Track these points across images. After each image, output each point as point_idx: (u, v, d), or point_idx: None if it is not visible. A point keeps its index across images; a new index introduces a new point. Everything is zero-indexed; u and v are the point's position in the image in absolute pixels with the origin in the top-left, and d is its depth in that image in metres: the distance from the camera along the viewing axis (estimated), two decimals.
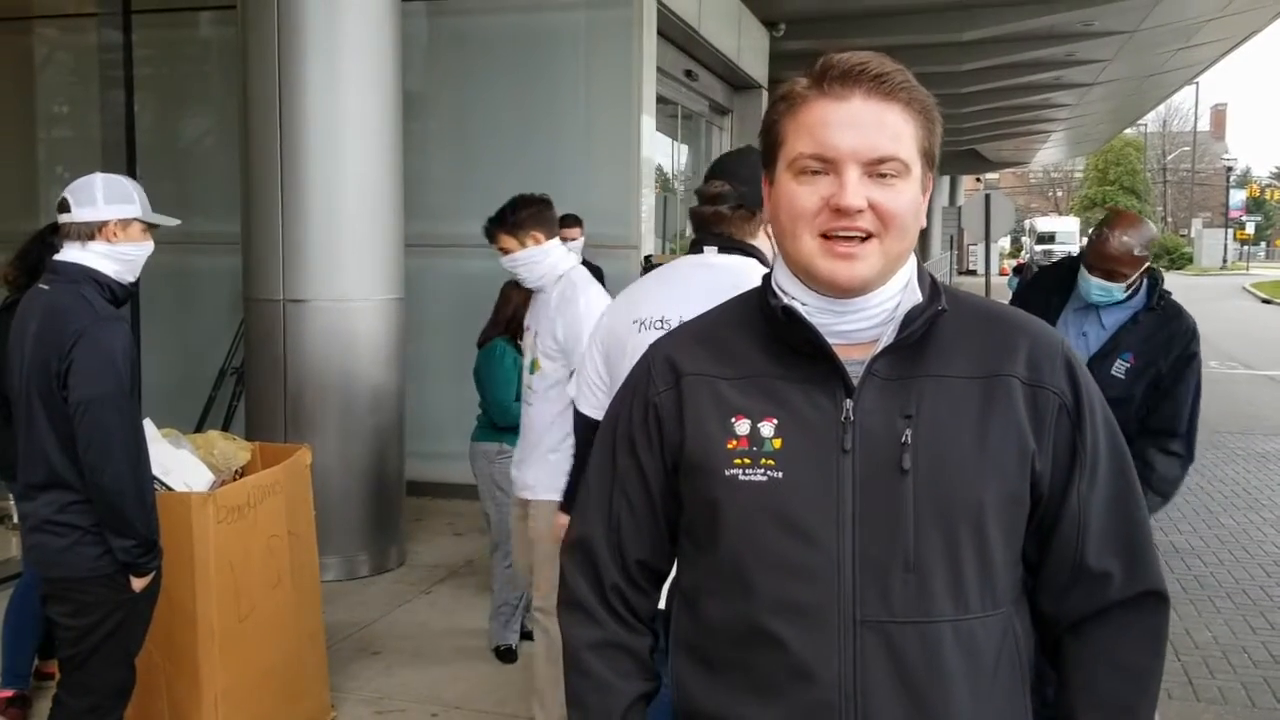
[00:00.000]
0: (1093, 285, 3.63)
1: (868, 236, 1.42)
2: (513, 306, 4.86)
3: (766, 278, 1.56)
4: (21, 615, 4.31)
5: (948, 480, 1.42)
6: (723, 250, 2.60)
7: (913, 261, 1.51)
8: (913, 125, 1.43)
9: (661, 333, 2.34)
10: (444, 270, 7.91)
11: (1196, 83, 49.57)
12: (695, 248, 2.66)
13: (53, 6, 9.21)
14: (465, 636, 5.25)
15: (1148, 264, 3.60)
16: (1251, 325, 24.58)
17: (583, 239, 6.57)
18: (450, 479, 7.48)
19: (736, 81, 12.30)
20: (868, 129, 1.40)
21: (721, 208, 2.60)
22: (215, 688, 3.77)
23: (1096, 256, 3.59)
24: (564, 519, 2.86)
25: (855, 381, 1.45)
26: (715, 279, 2.40)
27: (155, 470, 3.71)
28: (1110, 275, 3.57)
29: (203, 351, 8.18)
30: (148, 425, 3.87)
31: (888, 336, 1.46)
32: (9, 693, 4.28)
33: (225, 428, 7.25)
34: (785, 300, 1.48)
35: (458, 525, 7.38)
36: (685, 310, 2.31)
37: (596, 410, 2.72)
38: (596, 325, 2.85)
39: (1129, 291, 3.63)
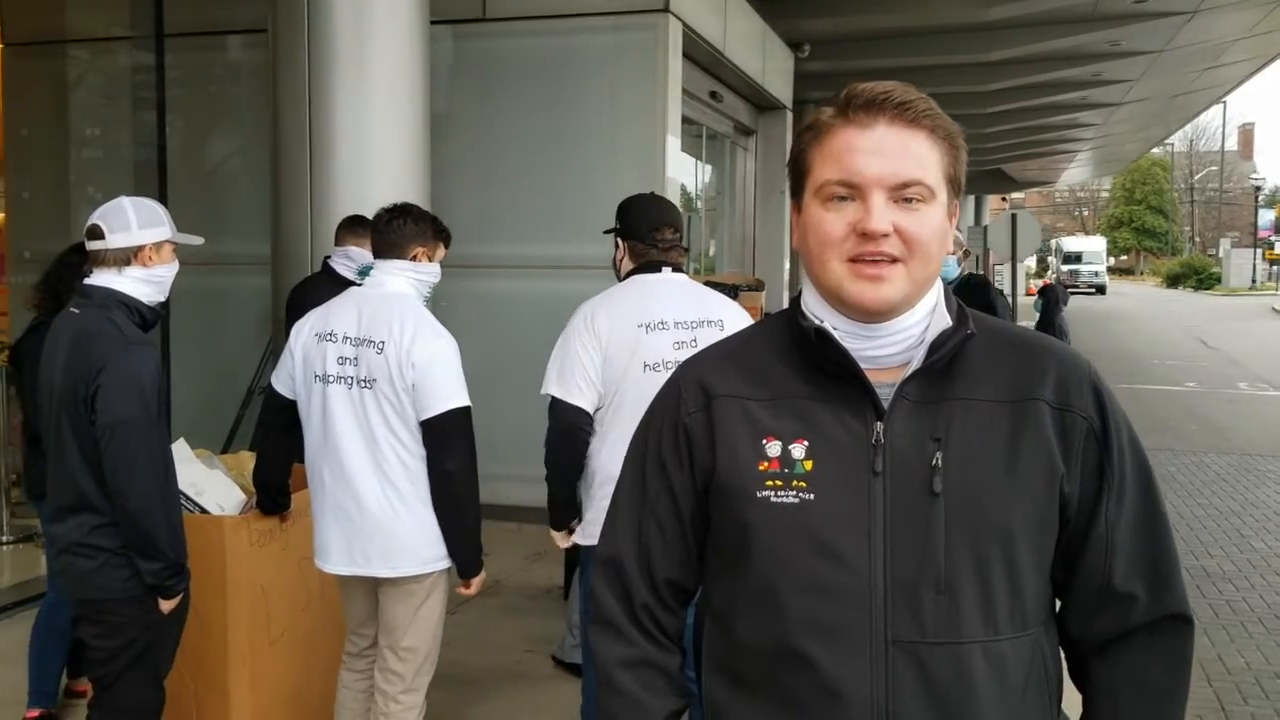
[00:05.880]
0: None
1: (893, 260, 1.43)
2: None
3: (795, 300, 1.57)
4: (48, 635, 4.34)
5: (978, 503, 1.43)
6: (674, 272, 3.66)
7: (939, 286, 1.53)
8: (938, 152, 1.45)
9: (661, 333, 3.47)
10: (471, 291, 7.92)
11: (1224, 102, 49.34)
12: (653, 269, 3.61)
13: (86, 29, 9.32)
14: (493, 655, 5.25)
15: None
16: None
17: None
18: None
19: (761, 102, 12.33)
20: (893, 155, 1.42)
21: (678, 245, 3.70)
22: (245, 710, 3.78)
23: None
24: (556, 535, 3.83)
25: (885, 404, 1.46)
26: (683, 290, 3.61)
27: (189, 490, 3.74)
28: None
29: (232, 371, 8.22)
30: (181, 445, 3.90)
31: (917, 360, 1.47)
32: (37, 711, 4.31)
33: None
34: (817, 323, 1.49)
35: (486, 545, 7.36)
36: (677, 312, 3.50)
37: (588, 402, 3.45)
38: (584, 328, 3.49)
39: None
